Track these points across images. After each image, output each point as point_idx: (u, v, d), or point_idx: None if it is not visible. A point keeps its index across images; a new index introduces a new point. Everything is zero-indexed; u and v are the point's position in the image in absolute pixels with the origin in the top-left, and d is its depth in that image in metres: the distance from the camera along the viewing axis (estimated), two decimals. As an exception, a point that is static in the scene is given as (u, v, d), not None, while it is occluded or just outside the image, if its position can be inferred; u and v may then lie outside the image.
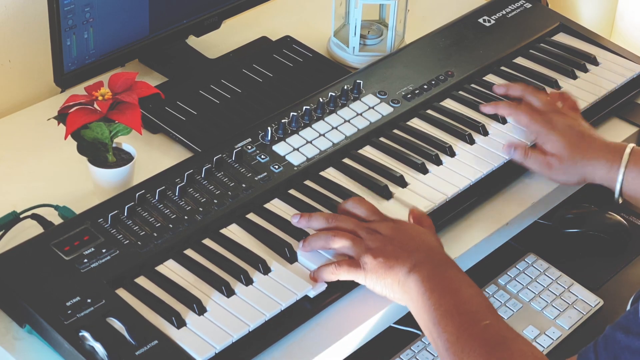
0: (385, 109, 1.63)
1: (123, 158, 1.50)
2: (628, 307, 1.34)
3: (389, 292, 1.33)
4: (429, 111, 1.66)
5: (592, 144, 1.52)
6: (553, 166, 1.52)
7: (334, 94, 1.62)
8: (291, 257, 1.38)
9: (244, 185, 1.46)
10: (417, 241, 1.35)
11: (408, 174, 1.53)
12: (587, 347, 1.20)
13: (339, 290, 1.37)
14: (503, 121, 1.63)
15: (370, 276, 1.33)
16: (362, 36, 1.83)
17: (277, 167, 1.50)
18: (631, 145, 1.49)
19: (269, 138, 1.54)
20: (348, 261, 1.35)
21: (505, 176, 1.57)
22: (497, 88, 1.66)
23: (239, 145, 1.53)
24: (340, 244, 1.36)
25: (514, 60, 1.79)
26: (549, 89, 1.72)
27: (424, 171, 1.54)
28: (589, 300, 1.59)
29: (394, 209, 1.47)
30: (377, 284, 1.33)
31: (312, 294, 1.35)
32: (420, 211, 1.44)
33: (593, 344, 1.19)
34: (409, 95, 1.66)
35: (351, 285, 1.38)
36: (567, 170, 1.51)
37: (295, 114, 1.58)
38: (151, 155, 1.59)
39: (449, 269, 1.32)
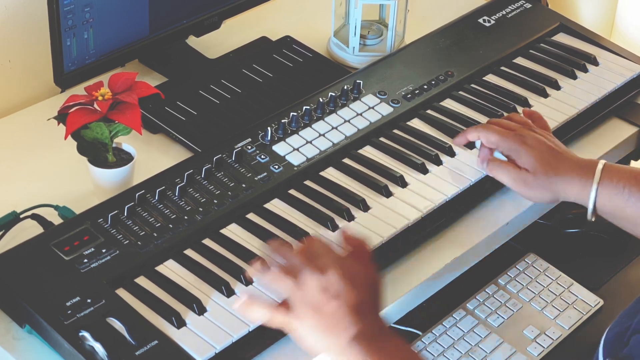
0: (385, 109, 1.63)
1: (123, 158, 1.50)
2: (600, 356, 1.34)
3: (324, 352, 1.23)
4: (429, 111, 1.66)
5: (564, 160, 1.47)
6: (528, 182, 1.47)
7: (334, 94, 1.62)
8: (291, 257, 1.38)
9: (244, 185, 1.46)
10: (362, 296, 1.22)
11: (408, 174, 1.53)
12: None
13: (339, 290, 1.37)
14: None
15: (302, 331, 1.22)
16: (362, 36, 1.83)
17: (277, 167, 1.50)
18: (602, 161, 1.46)
19: (269, 138, 1.54)
20: (283, 309, 1.24)
21: (505, 176, 1.57)
22: (457, 140, 1.56)
23: (239, 145, 1.53)
24: (278, 282, 1.24)
25: (514, 60, 1.79)
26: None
27: (424, 171, 1.54)
28: (589, 300, 1.59)
29: (394, 209, 1.47)
30: (309, 339, 1.22)
31: (312, 294, 1.34)
32: (355, 236, 1.31)
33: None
34: (409, 95, 1.66)
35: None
36: (540, 186, 1.46)
37: (295, 114, 1.58)
38: (151, 155, 1.59)
39: (387, 338, 1.22)
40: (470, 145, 1.58)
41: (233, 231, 1.42)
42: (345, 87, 1.65)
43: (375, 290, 1.26)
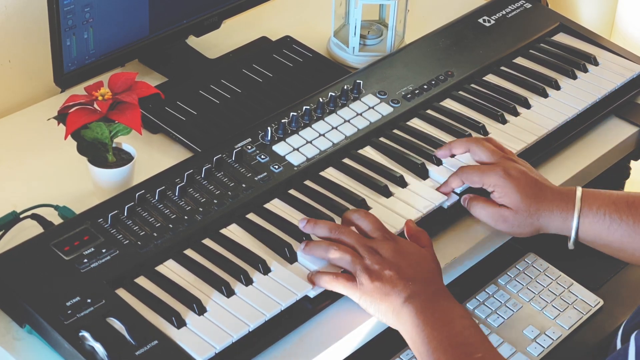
0: (385, 109, 1.63)
1: (123, 158, 1.50)
2: (618, 344, 1.34)
3: (382, 317, 1.33)
4: (429, 111, 1.66)
5: (545, 193, 1.46)
6: (508, 219, 1.45)
7: (334, 94, 1.62)
8: (291, 257, 1.38)
9: (244, 185, 1.46)
10: (416, 268, 1.34)
11: (408, 174, 1.53)
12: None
13: (339, 290, 1.37)
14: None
15: (364, 297, 1.33)
16: (362, 36, 1.83)
17: (277, 167, 1.50)
18: (580, 188, 1.45)
19: (269, 138, 1.54)
20: (346, 276, 1.34)
21: (505, 176, 1.57)
22: (439, 152, 1.56)
23: (239, 145, 1.53)
24: (340, 258, 1.35)
25: (514, 60, 1.79)
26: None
27: (424, 171, 1.54)
28: (589, 300, 1.59)
29: (394, 209, 1.47)
30: (371, 307, 1.33)
31: (312, 294, 1.35)
32: (417, 227, 1.42)
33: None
34: (409, 95, 1.66)
35: (351, 285, 1.38)
36: (521, 223, 1.46)
37: (295, 114, 1.58)
38: (151, 155, 1.59)
39: (442, 300, 1.32)
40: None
41: (233, 231, 1.42)
42: (345, 87, 1.65)
43: (428, 262, 1.36)
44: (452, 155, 1.55)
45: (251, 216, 1.44)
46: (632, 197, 1.44)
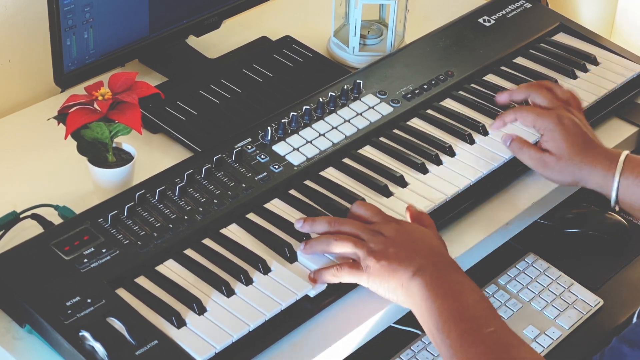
0: (385, 109, 1.63)
1: (123, 158, 1.50)
2: (634, 319, 1.34)
3: (392, 295, 1.33)
4: (429, 111, 1.66)
5: (593, 148, 1.49)
6: (548, 164, 1.49)
7: (334, 94, 1.62)
8: (291, 257, 1.38)
9: (244, 185, 1.46)
10: (421, 244, 1.34)
11: (408, 174, 1.53)
12: (594, 357, 1.19)
13: (339, 290, 1.37)
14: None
15: (372, 279, 1.33)
16: (362, 36, 1.83)
17: (277, 167, 1.50)
18: (625, 152, 1.47)
19: (269, 138, 1.54)
20: (350, 264, 1.35)
21: (505, 176, 1.57)
22: (500, 97, 1.61)
23: (239, 145, 1.53)
24: (342, 247, 1.35)
25: (514, 60, 1.79)
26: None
27: (424, 171, 1.54)
28: (589, 300, 1.59)
29: (394, 209, 1.47)
30: (380, 287, 1.33)
31: (312, 293, 1.35)
32: (418, 210, 1.43)
33: (600, 355, 1.18)
34: (409, 95, 1.66)
35: (351, 286, 1.38)
36: (562, 170, 1.49)
37: (295, 114, 1.58)
38: (151, 155, 1.59)
39: (452, 273, 1.31)
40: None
41: (233, 231, 1.42)
42: (345, 87, 1.65)
43: (432, 238, 1.36)
44: (512, 103, 1.60)
45: (251, 216, 1.44)
46: None
